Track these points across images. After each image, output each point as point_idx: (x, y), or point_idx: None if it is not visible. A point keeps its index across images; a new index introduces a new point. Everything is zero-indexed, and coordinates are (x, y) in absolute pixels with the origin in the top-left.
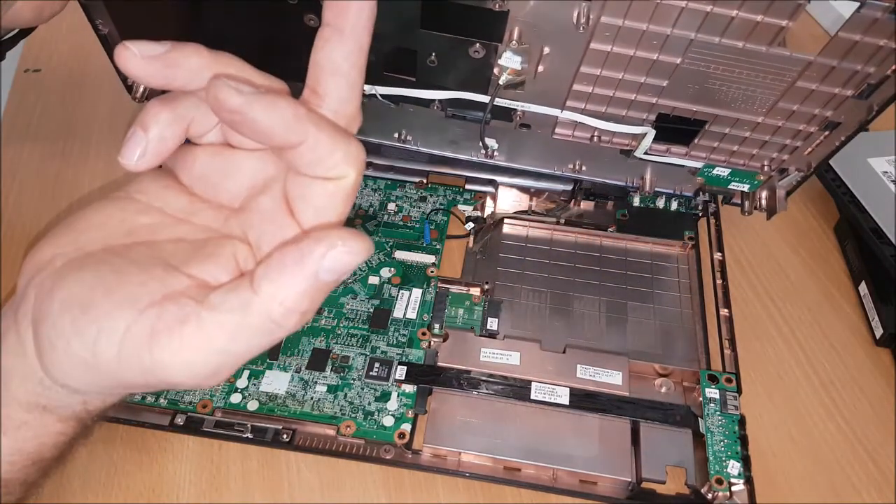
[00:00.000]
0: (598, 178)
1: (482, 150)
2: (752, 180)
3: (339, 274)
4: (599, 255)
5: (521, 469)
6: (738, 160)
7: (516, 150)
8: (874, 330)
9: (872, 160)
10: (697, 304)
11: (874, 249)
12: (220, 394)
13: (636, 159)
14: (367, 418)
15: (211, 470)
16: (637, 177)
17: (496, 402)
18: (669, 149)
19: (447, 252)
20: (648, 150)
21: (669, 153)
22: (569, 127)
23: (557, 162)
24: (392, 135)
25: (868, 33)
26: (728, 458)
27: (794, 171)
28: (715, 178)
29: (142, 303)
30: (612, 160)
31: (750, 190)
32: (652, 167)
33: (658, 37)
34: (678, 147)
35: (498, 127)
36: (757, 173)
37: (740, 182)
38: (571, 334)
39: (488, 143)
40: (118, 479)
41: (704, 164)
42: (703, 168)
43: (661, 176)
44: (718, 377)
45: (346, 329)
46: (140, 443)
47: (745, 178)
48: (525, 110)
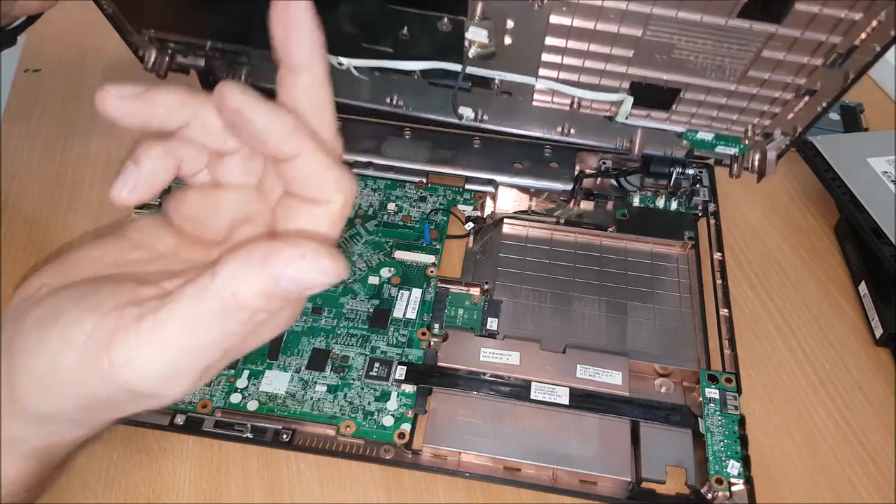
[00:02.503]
0: (587, 142)
1: (458, 118)
2: (738, 144)
3: (301, 287)
4: (599, 255)
5: (521, 469)
6: (720, 125)
7: (504, 115)
8: (874, 330)
9: (872, 160)
10: (697, 304)
11: (874, 249)
12: (220, 394)
13: (619, 125)
14: (366, 418)
15: (211, 470)
16: (626, 140)
17: (496, 402)
18: (650, 114)
19: (447, 252)
20: (629, 116)
21: (651, 118)
22: (547, 94)
23: (545, 126)
24: (384, 100)
25: (827, 5)
26: (728, 458)
27: (780, 135)
28: (700, 141)
29: (107, 306)
30: (600, 124)
31: (738, 154)
32: (639, 130)
33: (615, 11)
34: (658, 112)
35: (483, 93)
36: (740, 138)
37: (727, 146)
38: (571, 334)
39: (462, 112)
40: (118, 479)
41: (687, 128)
42: (686, 132)
43: (649, 139)
44: (718, 377)
45: (346, 329)
46: (140, 443)
47: (731, 142)
48: (502, 79)
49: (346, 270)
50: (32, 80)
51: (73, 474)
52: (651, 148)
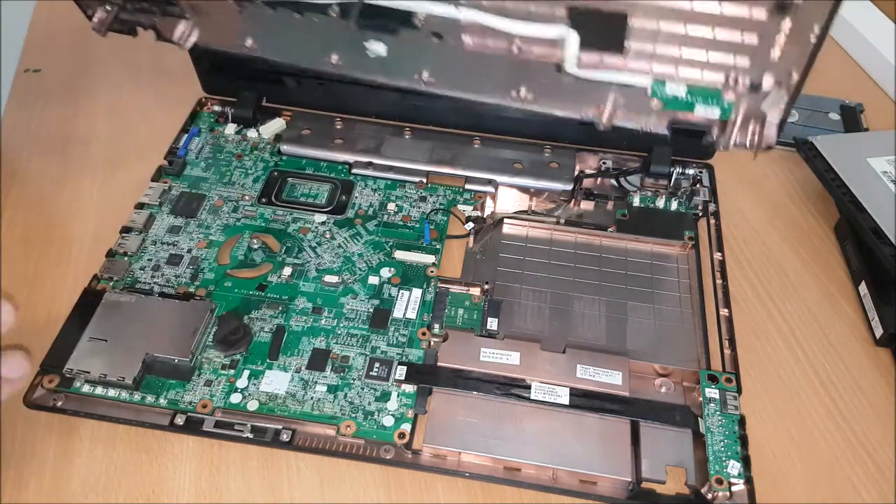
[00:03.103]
0: (549, 110)
1: (367, 53)
2: (720, 101)
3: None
4: (599, 255)
5: (521, 469)
6: (690, 72)
7: (451, 76)
8: (874, 330)
9: (872, 160)
10: (697, 304)
11: (874, 249)
12: (220, 394)
13: (573, 78)
14: (367, 418)
15: (211, 470)
16: (592, 108)
17: (496, 402)
18: (603, 59)
19: (447, 252)
20: (581, 64)
21: (605, 67)
22: (479, 34)
23: (498, 88)
24: (323, 59)
25: None
26: (728, 458)
27: (772, 85)
28: (673, 100)
29: None
30: (561, 88)
31: (723, 117)
32: (608, 96)
33: None
34: (611, 56)
35: (413, 38)
36: (720, 91)
37: (707, 104)
38: (571, 334)
39: (372, 46)
40: (118, 479)
41: (653, 80)
42: (654, 87)
43: (620, 105)
44: (718, 377)
45: (346, 329)
46: (140, 443)
47: (711, 98)
48: (418, 11)
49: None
50: (32, 80)
51: (74, 474)
52: (624, 118)
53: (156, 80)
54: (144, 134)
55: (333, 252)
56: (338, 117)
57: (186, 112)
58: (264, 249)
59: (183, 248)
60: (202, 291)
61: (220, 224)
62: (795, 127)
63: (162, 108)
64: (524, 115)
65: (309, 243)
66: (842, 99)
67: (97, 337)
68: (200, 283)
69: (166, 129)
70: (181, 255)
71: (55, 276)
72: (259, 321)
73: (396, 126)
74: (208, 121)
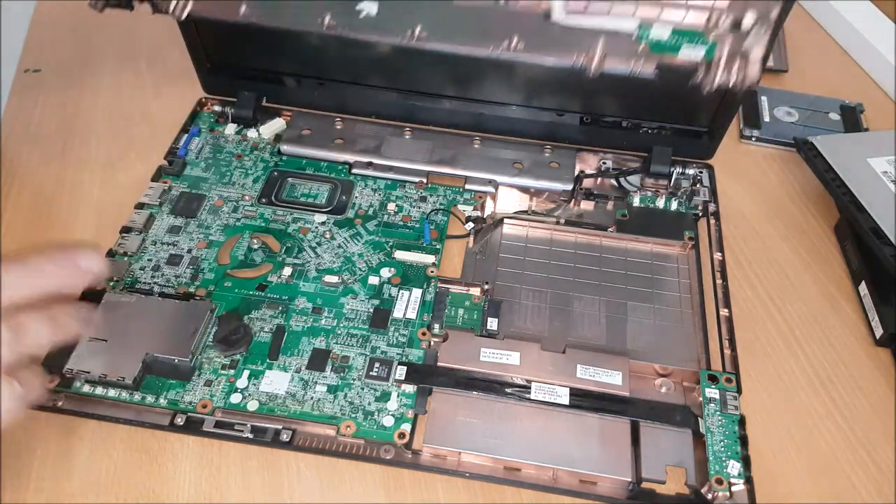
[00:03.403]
0: (539, 60)
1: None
2: (704, 41)
3: None
4: (599, 255)
5: (521, 469)
6: (674, 14)
7: (443, 31)
8: (874, 330)
9: (872, 160)
10: (697, 304)
11: (874, 249)
12: (220, 394)
13: (561, 26)
14: (367, 418)
15: (211, 470)
16: (582, 55)
17: (496, 402)
18: (587, 6)
19: (447, 252)
20: (568, 10)
21: (591, 13)
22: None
23: (490, 39)
24: (316, 21)
25: None
26: (728, 458)
27: (754, 22)
28: (659, 43)
29: None
30: (549, 35)
31: (707, 57)
32: (596, 40)
33: None
34: (598, 2)
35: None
36: (703, 32)
37: (692, 44)
38: (571, 334)
39: (361, 7)
40: (118, 479)
41: (639, 24)
42: (639, 31)
43: (608, 52)
44: (718, 377)
45: (346, 329)
46: (140, 443)
47: (695, 39)
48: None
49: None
50: (32, 80)
51: (73, 474)
52: (613, 64)
53: (156, 80)
54: (144, 134)
55: (333, 252)
56: (338, 117)
57: (186, 112)
58: (264, 249)
59: (183, 248)
60: (202, 291)
61: (220, 224)
62: (795, 127)
63: (162, 108)
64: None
65: (309, 243)
66: (842, 99)
67: (97, 337)
68: (200, 283)
69: (166, 129)
70: (181, 255)
71: None
72: (259, 321)
73: (396, 126)
74: (208, 121)
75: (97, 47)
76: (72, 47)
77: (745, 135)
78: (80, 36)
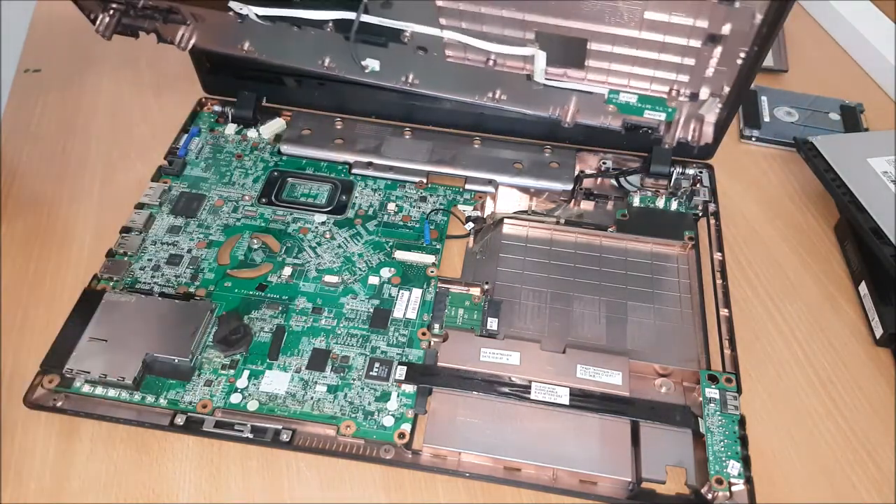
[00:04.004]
0: (518, 109)
1: (361, 69)
2: (665, 108)
3: None
4: (599, 255)
5: (521, 469)
6: (640, 85)
7: (433, 79)
8: (874, 330)
9: (872, 160)
10: (697, 304)
11: (874, 249)
12: (220, 394)
13: (541, 86)
14: (367, 418)
15: (211, 470)
16: (558, 108)
17: (496, 402)
18: (566, 73)
19: (447, 252)
20: (548, 76)
21: (569, 78)
22: (459, 49)
23: (476, 91)
24: (316, 62)
25: None
26: (728, 458)
27: (708, 95)
28: (626, 106)
29: None
30: (528, 90)
31: (667, 119)
32: (570, 97)
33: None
34: (575, 71)
35: (401, 50)
36: (664, 100)
37: (654, 109)
38: (571, 334)
39: (366, 63)
40: (118, 479)
41: (609, 89)
42: (609, 95)
43: (581, 107)
44: (718, 377)
45: (346, 329)
46: (140, 443)
47: (657, 105)
48: (406, 29)
49: None
50: (32, 80)
51: (74, 475)
52: (585, 117)
53: (156, 80)
54: (144, 134)
55: (333, 252)
56: (338, 117)
57: (186, 112)
58: (264, 249)
59: (183, 248)
60: (202, 291)
61: (220, 224)
62: (795, 127)
63: (162, 108)
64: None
65: (309, 243)
66: (842, 99)
67: (97, 337)
68: (200, 283)
69: (166, 129)
70: (181, 255)
71: (55, 276)
72: (259, 321)
73: (396, 126)
74: (208, 121)
75: (97, 47)
76: (72, 47)
77: (745, 135)
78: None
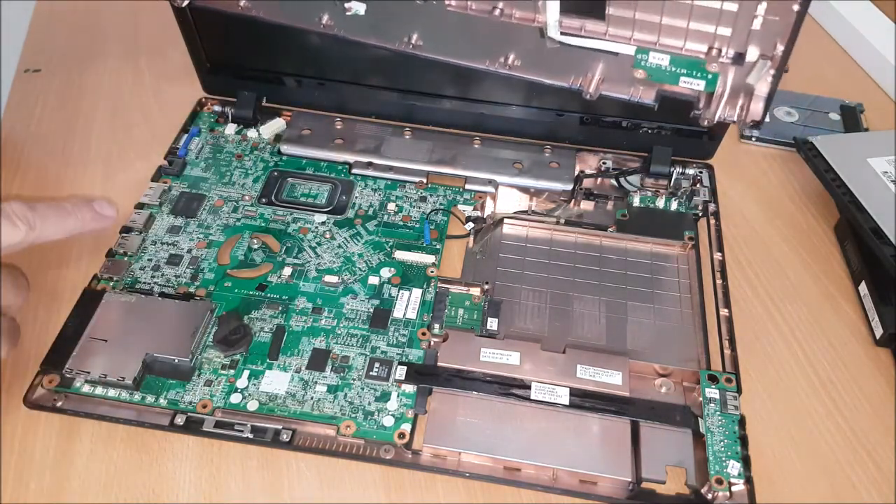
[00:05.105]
0: (535, 77)
1: (343, 10)
2: (705, 73)
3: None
4: (599, 255)
5: (521, 469)
6: (672, 41)
7: (439, 41)
8: (874, 330)
9: (872, 160)
10: (697, 304)
11: (874, 249)
12: (220, 394)
13: (557, 44)
14: (367, 418)
15: (211, 470)
16: (580, 77)
17: (496, 402)
18: (584, 25)
19: (447, 252)
20: (563, 29)
21: (588, 33)
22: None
23: (485, 55)
24: (313, 18)
25: None
26: (728, 458)
27: (758, 58)
28: (657, 70)
29: None
30: (546, 54)
31: (708, 89)
32: (593, 63)
33: None
34: (594, 23)
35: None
36: (703, 62)
37: (692, 76)
38: (571, 334)
39: (349, 5)
40: (118, 479)
41: (636, 48)
42: (637, 56)
43: (606, 76)
44: (718, 377)
45: (346, 329)
46: (140, 443)
47: (694, 69)
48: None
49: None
50: (32, 80)
51: (74, 474)
52: (611, 88)
53: (156, 80)
54: (144, 134)
55: (333, 252)
56: (338, 117)
57: (186, 112)
58: (264, 249)
59: (183, 248)
60: (202, 291)
61: (220, 224)
62: (795, 127)
63: (162, 108)
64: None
65: (309, 243)
66: (842, 99)
67: (97, 337)
68: (200, 283)
69: (166, 129)
70: (181, 255)
71: (55, 276)
72: (259, 321)
73: (396, 126)
74: (208, 121)
75: (97, 47)
76: (72, 47)
77: (745, 135)
78: (80, 36)
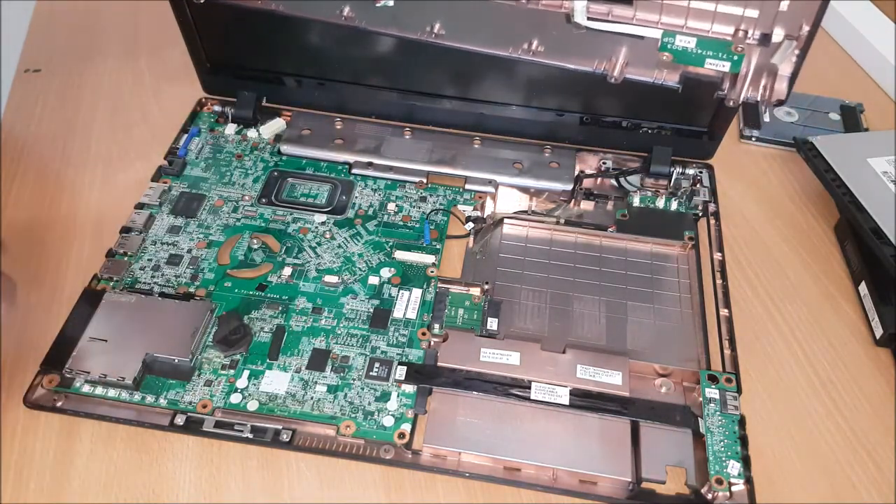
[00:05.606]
0: (559, 63)
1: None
2: (730, 55)
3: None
4: (599, 255)
5: (521, 469)
6: (700, 25)
7: (462, 29)
8: (874, 330)
9: (872, 160)
10: (697, 304)
11: (874, 249)
12: (220, 394)
13: (583, 29)
14: (366, 418)
15: (211, 470)
16: (604, 61)
17: (496, 402)
18: (612, 10)
19: (447, 252)
20: (590, 14)
21: (614, 18)
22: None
23: (509, 41)
24: (335, 11)
25: None
26: (728, 458)
27: (783, 38)
28: (683, 53)
29: None
30: (570, 39)
31: (733, 70)
32: (618, 45)
33: None
34: (622, 7)
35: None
36: (730, 44)
37: (717, 58)
38: (571, 334)
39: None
40: (118, 479)
41: (662, 31)
42: (663, 39)
43: (631, 60)
44: (718, 377)
45: (346, 329)
46: (140, 443)
47: (720, 51)
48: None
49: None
50: (32, 80)
51: (74, 475)
52: (636, 71)
53: (156, 80)
54: (144, 134)
55: (333, 252)
56: (338, 117)
57: (186, 112)
58: (264, 249)
59: (183, 248)
60: (202, 291)
61: (220, 224)
62: (795, 127)
63: (162, 108)
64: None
65: (309, 243)
66: (842, 99)
67: (97, 337)
68: (200, 283)
69: (166, 129)
70: (181, 255)
71: (55, 277)
72: (259, 321)
73: (396, 126)
74: (208, 121)
75: (97, 47)
76: (72, 47)
77: (745, 135)
78: (80, 36)
